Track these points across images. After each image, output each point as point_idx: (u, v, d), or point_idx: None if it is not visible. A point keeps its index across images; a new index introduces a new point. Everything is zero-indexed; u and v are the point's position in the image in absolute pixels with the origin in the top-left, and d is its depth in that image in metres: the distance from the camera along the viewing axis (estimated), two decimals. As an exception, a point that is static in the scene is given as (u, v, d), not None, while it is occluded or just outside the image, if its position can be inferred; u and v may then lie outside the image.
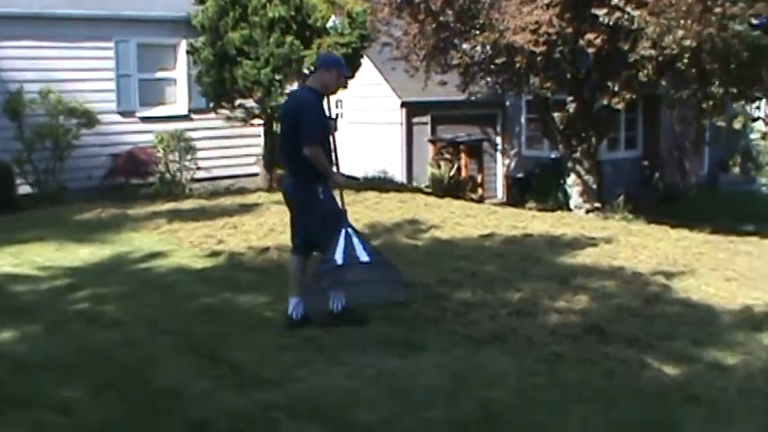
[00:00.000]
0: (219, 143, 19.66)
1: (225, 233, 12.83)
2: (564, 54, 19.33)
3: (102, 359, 7.00)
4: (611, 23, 17.92)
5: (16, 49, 17.31)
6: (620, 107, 20.17)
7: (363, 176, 22.16)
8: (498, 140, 27.02)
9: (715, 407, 6.02)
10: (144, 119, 18.93)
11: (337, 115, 7.46)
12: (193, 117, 19.55)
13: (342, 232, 7.69)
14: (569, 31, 18.52)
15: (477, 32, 19.86)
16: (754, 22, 17.42)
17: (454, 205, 17.65)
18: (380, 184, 20.27)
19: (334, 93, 8.04)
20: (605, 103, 20.07)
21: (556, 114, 21.97)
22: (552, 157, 24.11)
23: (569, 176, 22.00)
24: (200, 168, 19.01)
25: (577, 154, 21.64)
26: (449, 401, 6.03)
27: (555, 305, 8.77)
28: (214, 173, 19.32)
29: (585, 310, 8.64)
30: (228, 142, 19.81)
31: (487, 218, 15.68)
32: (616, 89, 19.55)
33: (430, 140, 25.20)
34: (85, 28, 17.99)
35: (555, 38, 18.44)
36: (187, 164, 18.86)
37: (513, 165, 26.70)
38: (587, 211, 21.17)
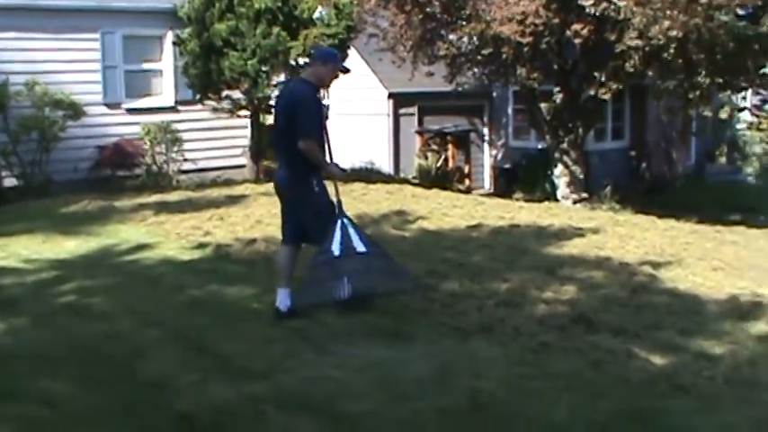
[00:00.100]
0: (206, 135, 19.61)
1: (212, 225, 12.80)
2: (551, 45, 19.34)
3: (89, 352, 6.97)
4: (597, 14, 17.96)
5: (1, 41, 17.17)
6: (606, 98, 20.22)
7: (350, 168, 22.10)
8: (485, 131, 27.01)
9: (702, 396, 6.03)
10: (130, 110, 18.85)
11: (327, 105, 7.50)
12: (180, 108, 19.48)
13: (338, 223, 7.74)
14: (556, 21, 18.54)
15: (464, 23, 19.85)
16: (740, 12, 17.49)
17: (441, 196, 17.65)
18: (367, 175, 20.23)
19: (329, 86, 8.03)
20: (592, 93, 20.11)
21: (543, 105, 22.01)
22: (539, 147, 24.13)
23: (556, 167, 22.04)
24: (186, 160, 18.95)
25: (564, 144, 21.68)
26: (436, 392, 6.03)
27: (542, 295, 8.78)
28: (201, 164, 19.27)
29: (573, 300, 8.66)
30: (215, 134, 19.75)
31: (475, 209, 15.70)
32: (603, 80, 19.59)
33: (417, 131, 25.17)
34: (71, 19, 17.89)
35: (541, 28, 18.46)
36: (174, 155, 18.80)
37: (500, 155, 26.70)
38: (574, 202, 21.21)
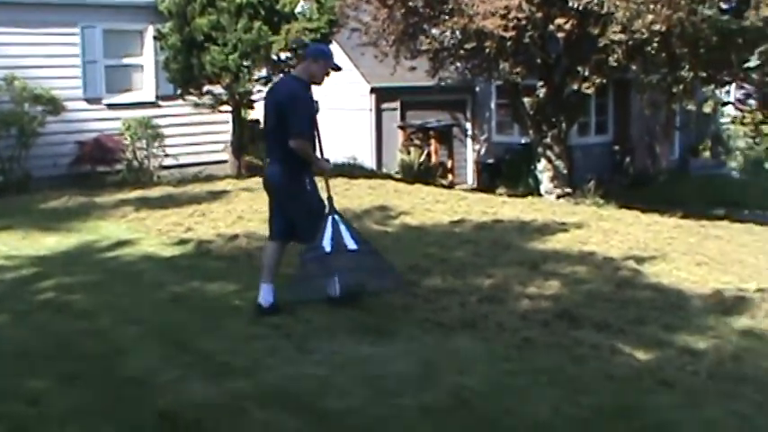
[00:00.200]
0: (187, 130, 19.52)
1: (193, 221, 12.76)
2: (534, 39, 19.35)
3: (69, 349, 6.94)
4: (580, 8, 17.99)
5: (-20, 36, 17.12)
6: (590, 92, 20.26)
7: (332, 163, 22.09)
8: (468, 126, 27.05)
9: (686, 392, 6.06)
10: (111, 106, 18.74)
11: (317, 101, 7.48)
12: (161, 104, 19.39)
13: (329, 219, 7.78)
14: (539, 15, 18.54)
15: (447, 17, 19.84)
16: (724, 6, 17.56)
17: (424, 191, 17.66)
18: (350, 170, 20.23)
19: (321, 83, 8.03)
20: (575, 87, 20.14)
21: (526, 99, 22.04)
22: (522, 142, 24.18)
23: (540, 162, 22.07)
24: (167, 156, 18.87)
25: (548, 139, 21.71)
26: (419, 388, 6.02)
27: (525, 291, 8.79)
28: (182, 160, 19.18)
29: (556, 295, 8.68)
30: (196, 129, 19.67)
31: (457, 204, 15.70)
32: (586, 74, 19.62)
33: (399, 126, 25.18)
34: (51, 13, 17.77)
35: (524, 23, 18.47)
36: (155, 151, 18.72)
37: (483, 150, 26.73)
38: (558, 197, 21.24)
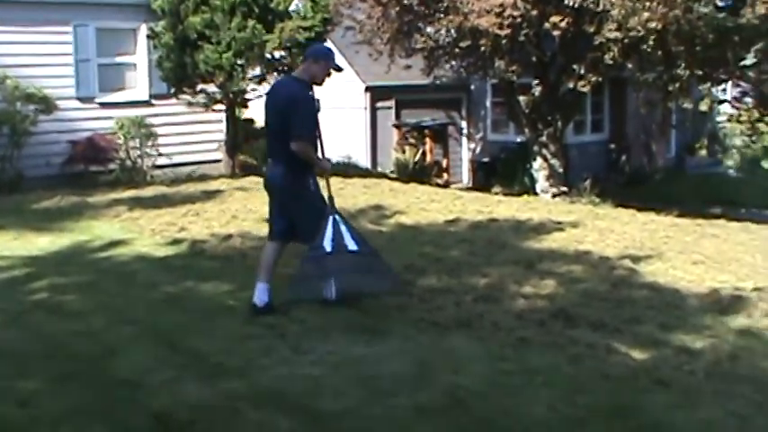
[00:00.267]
0: (181, 129, 19.49)
1: (187, 220, 12.75)
2: (529, 37, 19.36)
3: (62, 350, 6.92)
4: (576, 5, 18.00)
5: (-28, 34, 17.09)
6: (585, 90, 20.27)
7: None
8: (463, 125, 27.06)
9: (683, 391, 6.05)
10: (104, 105, 18.70)
11: (318, 100, 7.49)
12: (154, 103, 19.36)
13: (330, 219, 7.79)
14: (534, 13, 18.55)
15: (442, 15, 19.84)
16: (720, 3, 17.58)
17: (419, 190, 17.67)
18: (344, 169, 20.20)
19: (322, 84, 8.02)
20: (571, 86, 20.16)
21: (521, 98, 22.06)
22: (518, 141, 24.20)
23: (535, 160, 22.08)
24: (161, 155, 18.83)
25: (543, 138, 21.72)
26: (414, 388, 6.02)
27: (521, 290, 8.79)
28: (176, 159, 19.15)
29: (552, 294, 8.67)
30: (190, 128, 19.64)
31: (453, 203, 15.70)
32: (582, 72, 19.63)
33: (394, 125, 25.18)
34: (43, 12, 17.73)
35: (520, 20, 18.47)
36: (148, 150, 18.68)
37: (478, 149, 26.74)
38: (554, 196, 21.25)
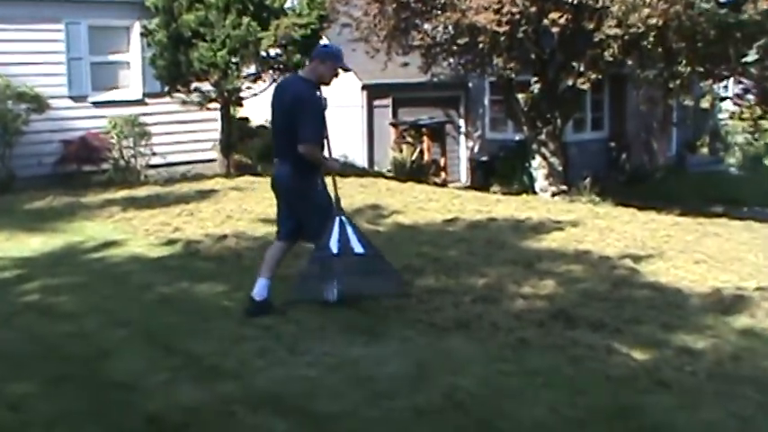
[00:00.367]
0: (175, 128, 19.47)
1: (181, 221, 12.75)
2: (528, 34, 19.34)
3: (55, 352, 6.92)
4: (575, 2, 18.00)
5: (-39, 32, 17.08)
6: (585, 87, 20.24)
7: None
8: (461, 123, 27.04)
9: (684, 392, 6.05)
10: (96, 104, 18.69)
11: (325, 98, 7.48)
12: (148, 101, 19.34)
13: (336, 220, 7.82)
14: (533, 10, 18.53)
15: (439, 12, 19.84)
16: (721, -1, 17.56)
17: (417, 190, 17.67)
18: (341, 168, 20.19)
19: (329, 84, 8.02)
20: (570, 83, 20.13)
21: (520, 95, 22.03)
22: (517, 139, 24.17)
23: (534, 159, 22.07)
24: (155, 154, 18.81)
25: (542, 136, 21.70)
26: (412, 390, 6.01)
27: (520, 290, 8.79)
28: (170, 159, 19.14)
29: (551, 295, 8.67)
30: (184, 127, 19.63)
31: (451, 202, 15.71)
32: (581, 69, 19.61)
33: (391, 123, 25.16)
34: (34, 9, 17.71)
35: (518, 17, 18.46)
36: (142, 150, 18.66)
37: (476, 148, 26.72)
38: (553, 195, 21.24)
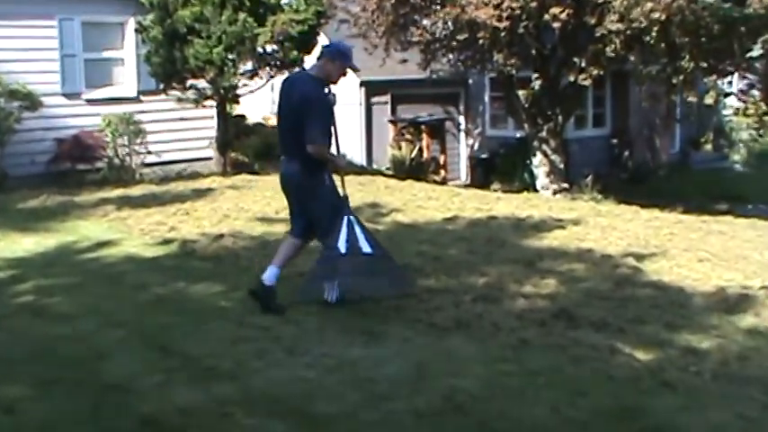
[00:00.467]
0: (171, 126, 19.46)
1: (177, 220, 12.75)
2: (528, 29, 19.35)
3: (49, 354, 6.91)
4: (576, -3, 18.00)
5: (-48, 29, 17.05)
6: (587, 83, 20.27)
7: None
8: (461, 120, 27.05)
9: (689, 393, 6.05)
10: (90, 101, 18.67)
11: (334, 94, 7.48)
12: (143, 99, 19.31)
13: (344, 220, 7.83)
14: (533, 5, 18.54)
15: (438, 8, 19.85)
16: (725, -7, 17.56)
17: (416, 188, 17.66)
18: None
19: (336, 82, 8.01)
20: (572, 79, 20.15)
21: (521, 92, 22.04)
22: (517, 136, 24.18)
23: (535, 156, 22.07)
24: (150, 153, 18.79)
25: (543, 133, 21.71)
26: (412, 391, 6.01)
27: (521, 290, 8.78)
28: (165, 157, 19.12)
29: (553, 294, 8.67)
30: (180, 125, 19.61)
31: (451, 200, 15.70)
32: (583, 65, 19.62)
33: (390, 121, 25.18)
34: (27, 5, 17.65)
35: (518, 12, 18.47)
36: (137, 148, 18.63)
37: (476, 145, 26.73)
38: (554, 192, 21.26)
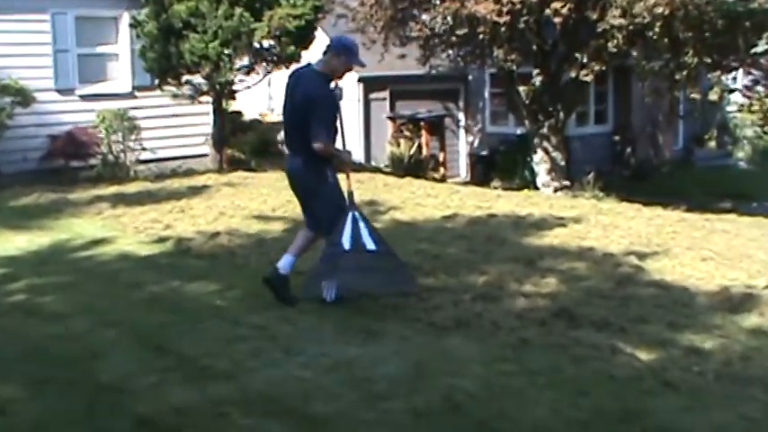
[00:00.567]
0: (166, 122, 19.45)
1: (172, 217, 12.76)
2: (529, 24, 19.33)
3: (42, 354, 6.91)
4: (578, -9, 17.99)
5: (-57, 24, 17.05)
6: (588, 79, 20.24)
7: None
8: (461, 116, 27.04)
9: (691, 393, 6.05)
10: (84, 97, 18.67)
11: (341, 88, 7.49)
12: (137, 95, 19.32)
13: (349, 216, 7.88)
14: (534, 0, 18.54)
15: (438, 2, 19.85)
16: (730, -13, 17.54)
17: (415, 185, 17.67)
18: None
19: (341, 78, 8.02)
20: (573, 75, 20.12)
21: (521, 88, 22.03)
22: (518, 133, 24.18)
23: (536, 153, 22.06)
24: (145, 149, 18.79)
25: (544, 129, 21.70)
26: (410, 391, 6.01)
27: (521, 289, 8.78)
28: (160, 154, 19.13)
29: (554, 293, 8.67)
30: (175, 121, 19.61)
31: (450, 198, 15.71)
32: (584, 60, 19.61)
33: (389, 117, 25.16)
34: (19, -1, 17.77)
35: (519, 7, 18.46)
36: (131, 145, 18.65)
37: (476, 142, 26.73)
38: (555, 190, 21.25)
